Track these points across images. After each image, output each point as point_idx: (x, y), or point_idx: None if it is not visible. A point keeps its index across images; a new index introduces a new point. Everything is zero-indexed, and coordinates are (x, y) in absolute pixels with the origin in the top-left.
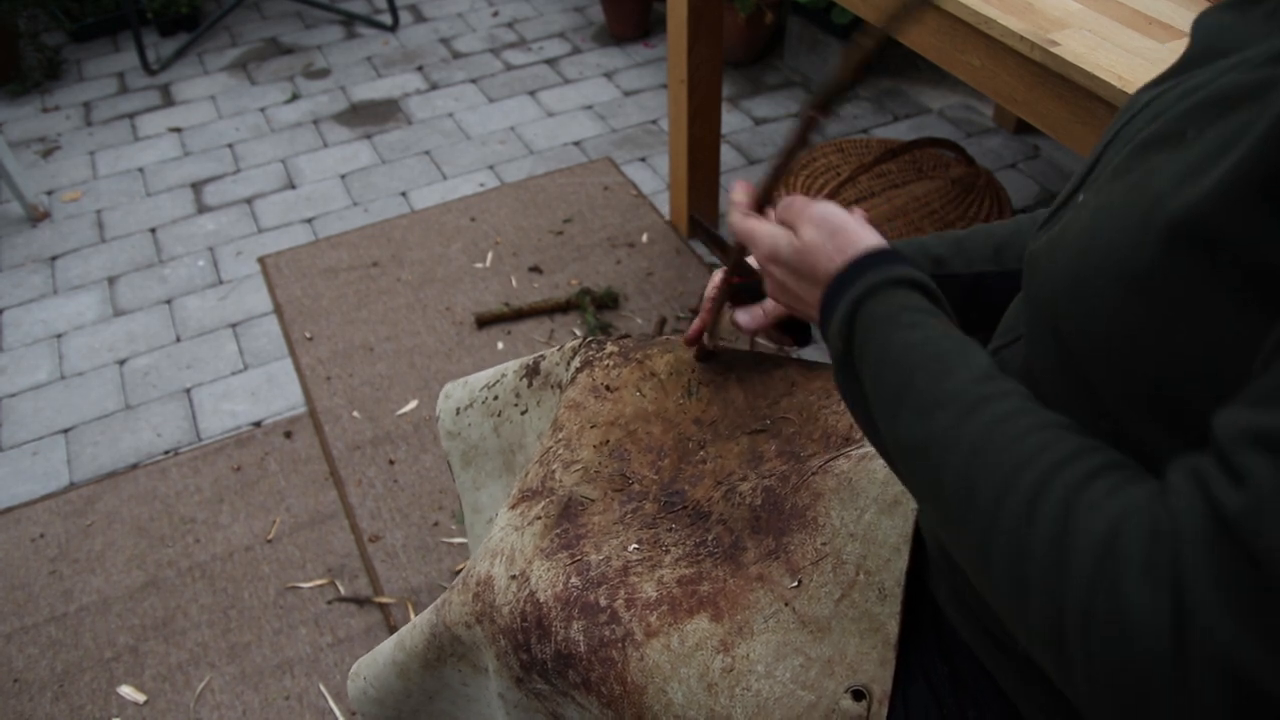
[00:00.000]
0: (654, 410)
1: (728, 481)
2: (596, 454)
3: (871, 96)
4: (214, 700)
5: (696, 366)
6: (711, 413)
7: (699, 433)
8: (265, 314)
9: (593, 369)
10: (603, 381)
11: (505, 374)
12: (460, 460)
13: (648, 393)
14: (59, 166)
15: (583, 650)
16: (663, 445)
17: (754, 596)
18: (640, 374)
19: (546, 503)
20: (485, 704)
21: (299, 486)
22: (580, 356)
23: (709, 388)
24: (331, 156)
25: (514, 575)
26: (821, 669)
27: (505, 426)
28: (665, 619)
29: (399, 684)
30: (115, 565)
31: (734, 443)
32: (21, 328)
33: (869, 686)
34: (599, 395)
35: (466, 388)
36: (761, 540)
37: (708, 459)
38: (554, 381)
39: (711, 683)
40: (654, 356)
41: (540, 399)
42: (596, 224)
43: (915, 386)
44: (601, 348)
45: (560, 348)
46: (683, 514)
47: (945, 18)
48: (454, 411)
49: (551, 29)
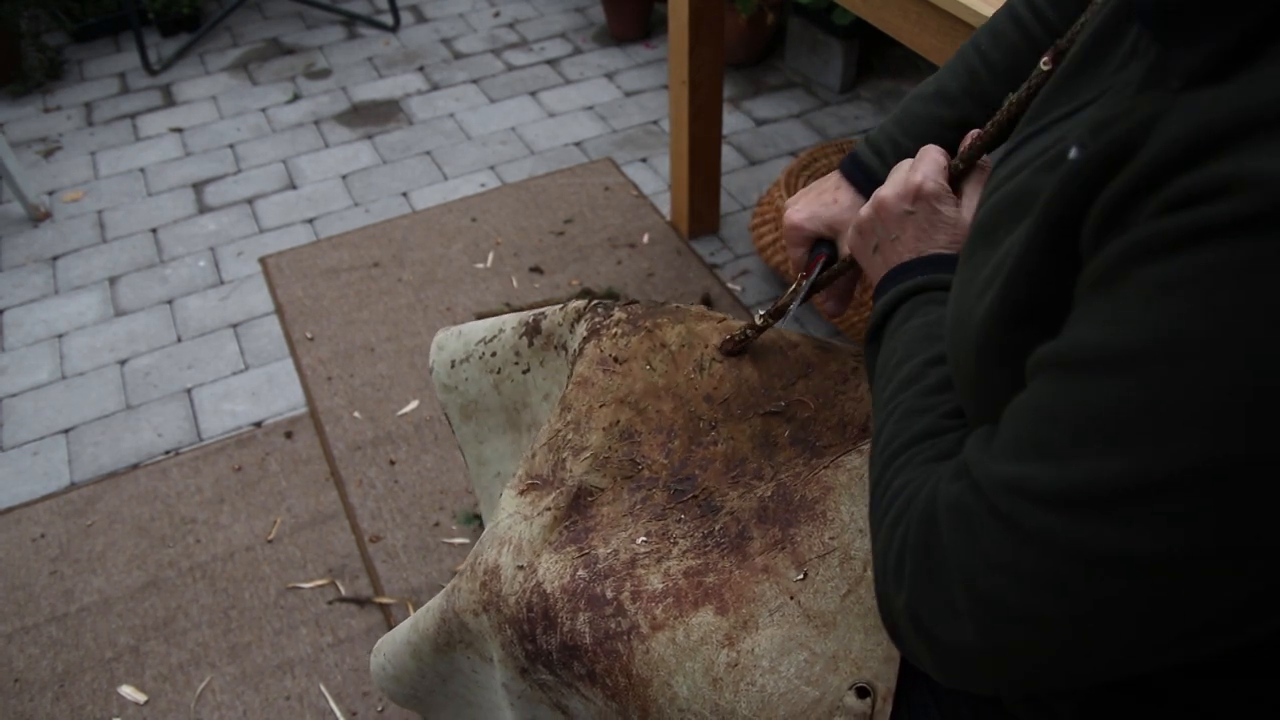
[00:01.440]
0: (664, 385)
1: (740, 468)
2: (606, 436)
3: (872, 98)
4: (214, 700)
5: (709, 340)
6: (724, 390)
7: (710, 411)
8: (266, 314)
9: (600, 338)
10: (610, 353)
11: (503, 329)
12: (459, 413)
13: (658, 365)
14: (60, 166)
15: (588, 642)
16: (673, 424)
17: (759, 589)
18: (650, 344)
19: (556, 494)
20: (493, 691)
21: (300, 487)
22: (586, 323)
23: (722, 364)
24: (332, 157)
25: (521, 565)
26: (826, 665)
27: (506, 385)
28: (670, 611)
29: (413, 664)
30: (116, 565)
31: (746, 423)
32: (22, 328)
33: (873, 684)
34: (607, 369)
35: (461, 339)
36: (768, 530)
37: (719, 440)
38: (557, 342)
39: (716, 677)
40: (664, 326)
41: (544, 359)
42: (597, 224)
43: (902, 354)
44: (609, 314)
45: (563, 306)
46: (692, 504)
47: (945, 18)
48: (449, 364)
49: (552, 29)
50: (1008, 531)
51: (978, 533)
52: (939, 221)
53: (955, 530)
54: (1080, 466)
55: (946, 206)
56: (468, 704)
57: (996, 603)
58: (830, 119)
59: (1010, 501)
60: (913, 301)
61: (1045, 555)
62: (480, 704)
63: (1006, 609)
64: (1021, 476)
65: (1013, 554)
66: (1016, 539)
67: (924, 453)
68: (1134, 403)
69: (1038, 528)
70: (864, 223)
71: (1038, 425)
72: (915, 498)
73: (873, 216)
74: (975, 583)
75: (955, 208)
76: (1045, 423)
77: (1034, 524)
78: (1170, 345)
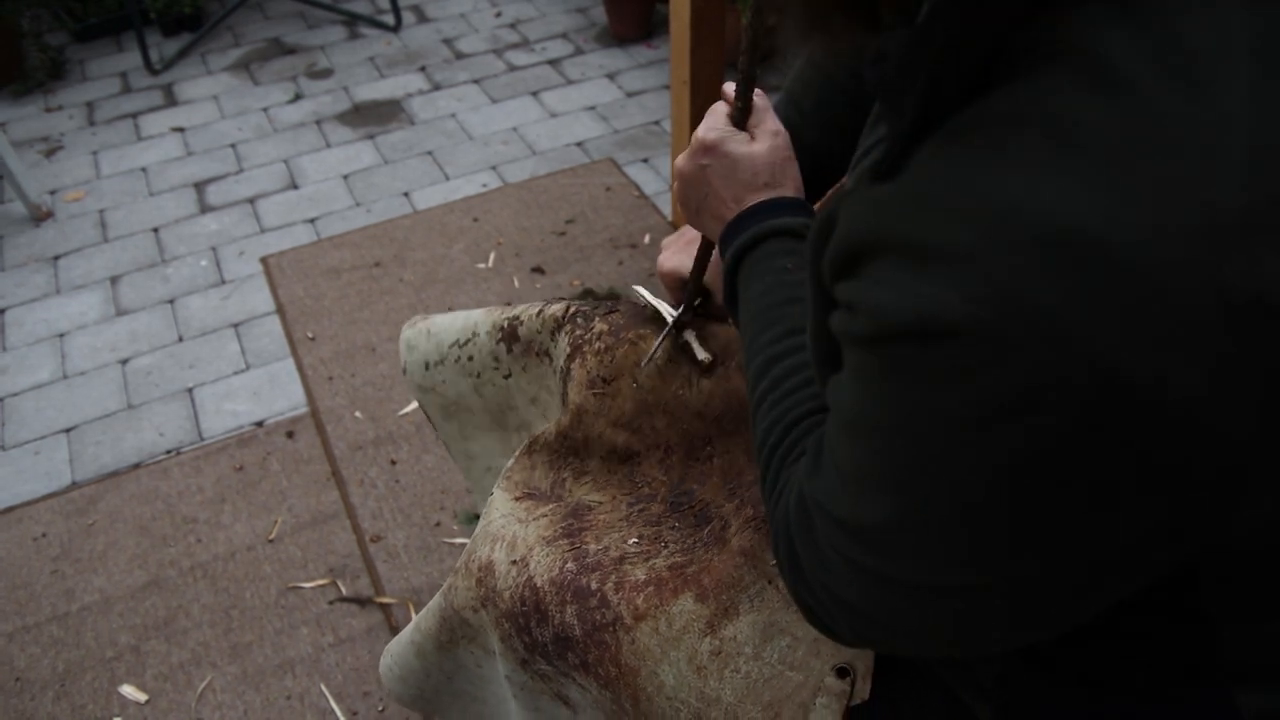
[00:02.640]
0: (654, 401)
1: (737, 480)
2: (605, 464)
3: None
4: (215, 700)
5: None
6: (715, 406)
7: (704, 428)
8: (267, 314)
9: (584, 357)
10: (598, 373)
11: (476, 333)
12: (440, 413)
13: (644, 382)
14: (62, 166)
15: (579, 634)
16: (669, 441)
17: (739, 573)
18: (635, 357)
19: (554, 506)
20: (498, 684)
21: (301, 486)
22: (567, 336)
23: (710, 380)
24: (334, 157)
25: (514, 561)
26: (808, 649)
27: (488, 388)
28: (651, 600)
29: (418, 664)
30: (117, 565)
31: (740, 437)
32: (24, 327)
33: (852, 664)
34: (598, 392)
35: (432, 339)
36: (741, 510)
37: (715, 454)
38: (539, 349)
39: (700, 665)
40: (648, 337)
41: (525, 364)
42: (599, 225)
43: (749, 332)
44: (589, 325)
45: (539, 312)
46: (689, 514)
47: None
48: (422, 365)
49: (554, 30)
50: (829, 546)
51: (813, 541)
52: (735, 161)
53: (805, 544)
54: (854, 504)
55: (735, 144)
56: (474, 700)
57: (845, 602)
58: None
59: (821, 519)
60: (748, 261)
61: (853, 570)
62: (486, 699)
63: (853, 608)
64: (824, 501)
65: (836, 566)
66: (833, 553)
67: (792, 452)
68: (873, 460)
69: (840, 545)
70: (679, 196)
71: (831, 459)
72: (786, 502)
73: (681, 186)
74: (824, 585)
75: (746, 143)
76: (831, 461)
77: (837, 541)
78: (869, 419)
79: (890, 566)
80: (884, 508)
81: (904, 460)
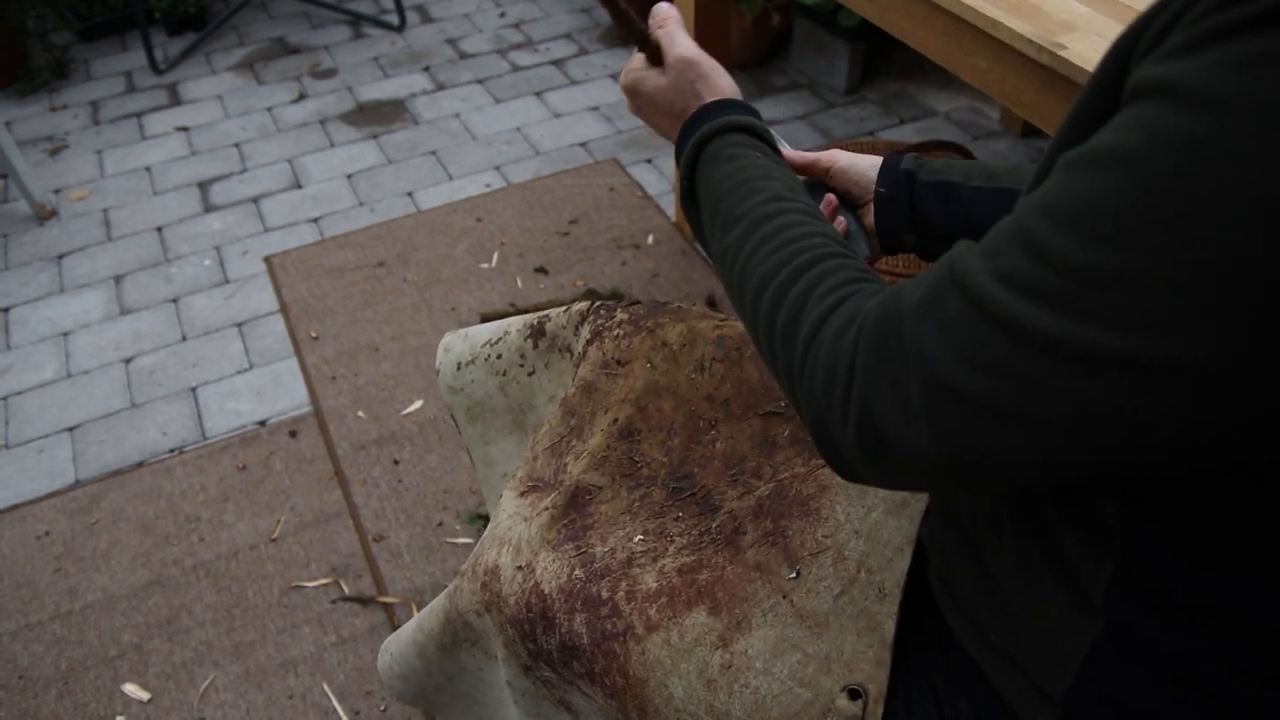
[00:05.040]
0: (665, 383)
1: (739, 467)
2: (605, 437)
3: (877, 99)
4: (218, 699)
5: (710, 339)
6: (725, 390)
7: (710, 411)
8: (271, 313)
9: (603, 340)
10: (613, 355)
11: (508, 332)
12: (465, 415)
13: (659, 364)
14: (66, 165)
15: (586, 643)
16: (673, 423)
17: (752, 588)
18: (651, 343)
19: (555, 494)
20: (499, 689)
21: (303, 486)
22: (590, 325)
23: (723, 364)
24: (338, 156)
25: (520, 566)
26: (819, 666)
27: (512, 386)
28: (664, 611)
29: (419, 663)
30: (120, 563)
31: (746, 423)
32: (28, 326)
33: (865, 686)
34: (610, 372)
35: (467, 341)
36: (760, 523)
37: (718, 439)
38: (561, 345)
39: (711, 679)
40: (666, 325)
41: (549, 361)
42: (602, 225)
43: (723, 208)
44: (611, 315)
45: (567, 309)
46: (690, 502)
47: (952, 20)
48: (455, 366)
49: (558, 30)
50: (983, 321)
51: (948, 325)
52: (654, 96)
53: (924, 324)
54: (1060, 257)
55: (649, 81)
56: (474, 701)
57: (959, 397)
58: (835, 121)
59: (992, 288)
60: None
61: (1015, 346)
62: (486, 701)
63: (968, 403)
64: (1007, 268)
65: (984, 344)
66: (988, 328)
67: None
68: (1129, 197)
69: (1013, 316)
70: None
71: (1030, 218)
72: (861, 308)
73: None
74: (939, 377)
75: (659, 75)
76: (1037, 215)
77: (1010, 312)
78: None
79: (1073, 327)
80: (1113, 257)
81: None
